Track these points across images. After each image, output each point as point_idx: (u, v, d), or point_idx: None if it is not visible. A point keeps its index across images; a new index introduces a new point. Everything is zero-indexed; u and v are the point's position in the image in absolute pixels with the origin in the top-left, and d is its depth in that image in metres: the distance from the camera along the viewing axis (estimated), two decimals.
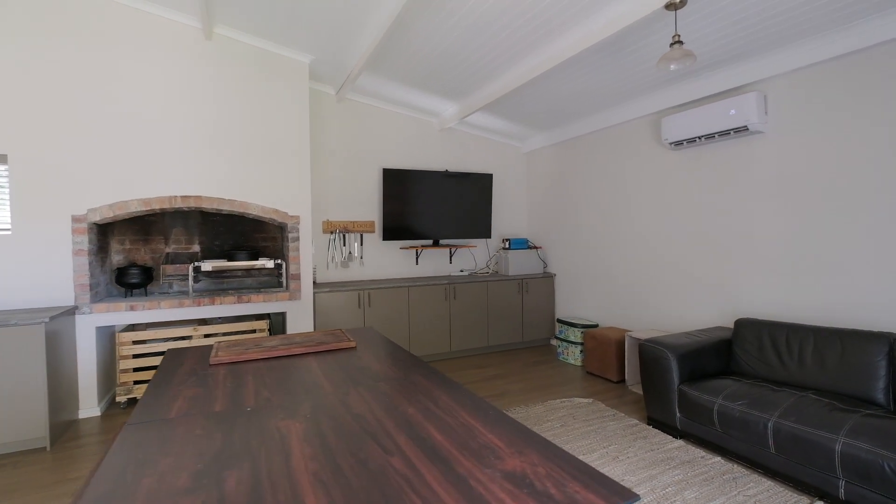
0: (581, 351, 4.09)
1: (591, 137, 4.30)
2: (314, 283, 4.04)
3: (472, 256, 4.94)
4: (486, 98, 3.71)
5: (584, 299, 4.45)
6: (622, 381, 3.64)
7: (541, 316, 4.76)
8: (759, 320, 2.78)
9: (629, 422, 2.90)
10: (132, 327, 3.27)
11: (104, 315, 2.92)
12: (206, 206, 3.17)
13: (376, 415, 1.17)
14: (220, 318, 3.43)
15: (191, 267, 3.26)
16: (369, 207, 4.36)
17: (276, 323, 3.81)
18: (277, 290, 3.53)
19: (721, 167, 3.17)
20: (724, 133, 3.02)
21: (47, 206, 2.79)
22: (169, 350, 1.90)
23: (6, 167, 2.71)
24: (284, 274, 3.52)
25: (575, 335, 4.18)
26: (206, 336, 3.26)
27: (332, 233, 4.17)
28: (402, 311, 4.03)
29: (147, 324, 3.33)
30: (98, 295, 3.05)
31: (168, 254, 3.47)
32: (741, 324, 2.82)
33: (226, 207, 3.24)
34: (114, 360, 3.23)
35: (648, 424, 2.87)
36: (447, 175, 4.60)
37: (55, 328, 2.70)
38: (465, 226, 4.72)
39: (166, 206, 3.05)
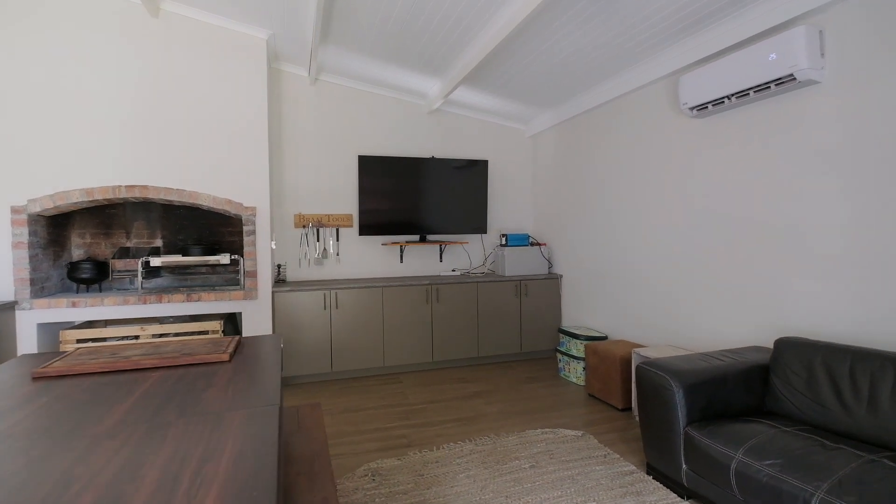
0: (584, 368, 3.37)
1: (599, 113, 3.56)
2: (284, 281, 3.71)
3: (467, 254, 4.36)
4: (465, 67, 3.14)
5: (593, 305, 3.71)
6: (629, 408, 2.89)
7: (543, 323, 4.07)
8: (810, 341, 1.97)
9: (623, 467, 2.20)
10: (90, 324, 3.12)
11: (45, 311, 2.77)
12: (152, 196, 2.93)
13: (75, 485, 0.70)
14: (173, 316, 3.18)
15: (140, 262, 3.04)
16: (347, 200, 3.95)
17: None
18: (233, 288, 3.23)
19: (758, 135, 2.35)
20: (762, 87, 2.21)
21: None
22: (21, 356, 1.58)
23: None
24: (241, 271, 3.21)
25: (577, 348, 3.47)
26: (156, 336, 3.02)
27: (304, 227, 3.81)
28: (375, 314, 3.57)
29: (106, 321, 3.16)
30: (47, 290, 2.92)
31: (121, 248, 3.30)
32: (784, 344, 2.02)
33: (174, 198, 2.98)
34: None
35: (648, 474, 2.15)
36: (434, 162, 4.08)
37: None
38: (457, 220, 4.16)
39: (110, 196, 2.85)
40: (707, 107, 2.53)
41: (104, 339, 2.93)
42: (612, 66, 3.05)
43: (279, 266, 3.72)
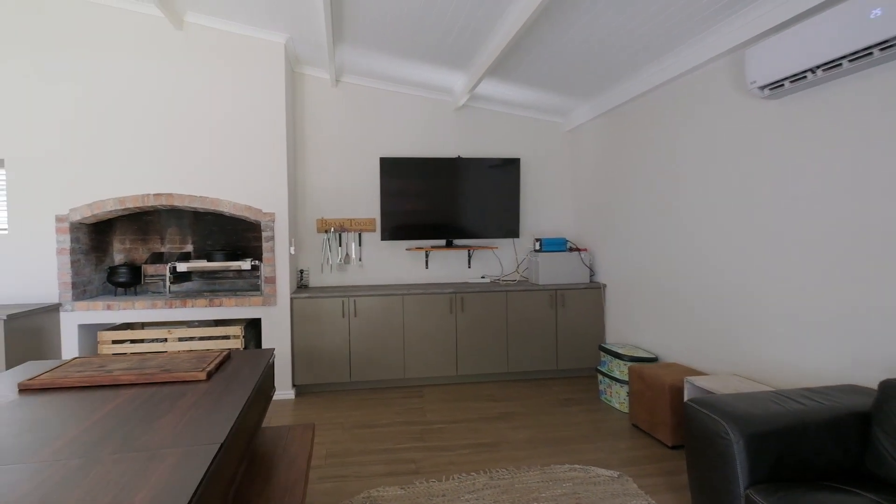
0: (628, 393, 3.06)
1: (647, 100, 3.22)
2: (306, 286, 3.78)
3: (498, 260, 4.18)
4: (489, 57, 2.98)
5: (641, 320, 3.38)
6: (680, 446, 2.57)
7: (583, 339, 3.78)
8: None
9: None
10: (128, 326, 3.38)
11: (85, 313, 3.03)
12: (177, 203, 3.11)
13: None
14: (198, 321, 3.35)
15: (168, 267, 3.24)
16: (370, 204, 3.95)
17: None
18: (253, 293, 3.34)
19: (856, 118, 1.96)
20: (861, 55, 1.82)
21: (37, 207, 3.00)
22: (28, 363, 1.70)
23: (3, 171, 2.97)
24: (261, 277, 3.30)
25: (620, 370, 3.17)
26: (181, 340, 3.19)
27: (326, 232, 3.86)
28: (395, 323, 3.52)
29: (143, 324, 3.41)
30: (89, 293, 3.20)
31: (154, 253, 3.54)
32: (892, 388, 1.64)
33: (197, 205, 3.13)
34: None
35: None
36: (460, 162, 3.95)
37: (39, 324, 2.86)
38: (486, 223, 4.00)
39: (139, 204, 3.06)
40: (783, 84, 2.14)
41: (141, 341, 3.15)
42: (659, 44, 2.74)
43: (301, 272, 3.80)
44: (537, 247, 3.93)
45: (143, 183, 3.08)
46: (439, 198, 3.90)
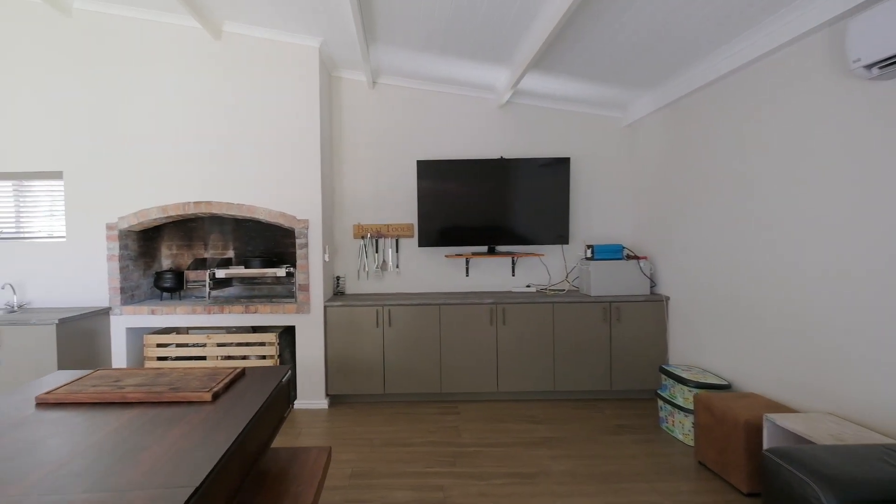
0: (694, 424, 2.71)
1: (721, 87, 2.84)
2: (342, 293, 3.78)
3: (546, 268, 3.93)
4: (532, 47, 2.78)
5: (712, 340, 2.99)
6: (757, 493, 2.21)
7: (641, 358, 3.44)
8: None
9: None
10: (174, 330, 3.56)
11: (132, 317, 3.23)
12: (215, 211, 3.22)
13: None
14: (237, 326, 3.45)
15: (208, 273, 3.36)
16: (407, 209, 3.87)
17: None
18: (287, 301, 3.38)
19: None
20: None
21: (90, 216, 3.24)
22: (56, 373, 1.77)
23: (62, 182, 3.24)
24: (295, 284, 3.33)
25: (684, 396, 2.82)
26: (219, 345, 3.31)
27: (363, 238, 3.84)
28: (431, 334, 3.40)
29: (188, 328, 3.59)
30: (137, 297, 3.41)
31: (196, 259, 3.71)
32: None
33: (234, 212, 3.23)
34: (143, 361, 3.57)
35: None
36: (503, 163, 3.75)
37: (92, 327, 3.08)
38: (532, 228, 3.77)
39: (180, 211, 3.21)
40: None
41: (187, 345, 3.31)
42: (735, 21, 2.39)
43: (337, 278, 3.81)
44: (589, 254, 3.64)
45: (184, 191, 3.23)
46: (481, 202, 3.74)
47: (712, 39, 2.59)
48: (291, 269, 3.37)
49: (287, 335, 3.48)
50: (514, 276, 3.93)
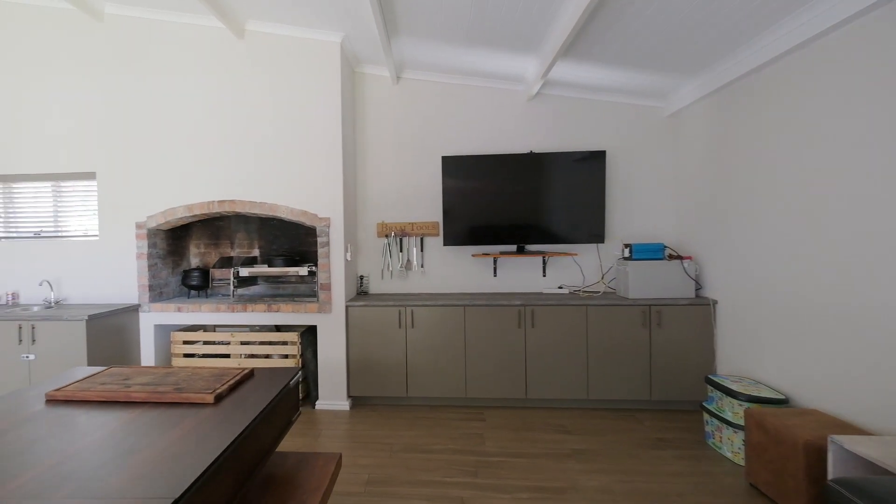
0: (744, 442, 2.48)
1: (778, 68, 2.58)
2: (365, 293, 3.75)
3: (579, 269, 3.74)
4: (562, 32, 2.64)
5: (766, 347, 2.73)
6: None
7: (685, 366, 3.20)
8: None
9: None
10: (202, 328, 3.66)
11: (159, 314, 3.34)
12: (238, 209, 3.27)
13: None
14: (259, 325, 3.50)
15: (232, 272, 3.42)
16: (432, 207, 3.79)
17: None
18: (309, 300, 3.38)
19: None
20: None
21: (121, 215, 3.38)
22: (71, 370, 1.81)
23: (95, 182, 3.40)
24: (317, 283, 3.33)
25: (734, 410, 2.59)
26: (243, 343, 3.36)
27: (387, 236, 3.80)
28: (456, 336, 3.31)
29: (214, 326, 3.67)
30: (165, 295, 3.52)
31: (222, 258, 3.78)
32: None
33: (257, 210, 3.26)
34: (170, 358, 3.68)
35: None
36: (532, 158, 3.60)
37: (122, 323, 3.21)
38: (564, 226, 3.60)
39: (205, 210, 3.28)
40: None
41: (214, 342, 3.39)
42: None
43: (361, 278, 3.79)
44: (626, 253, 3.43)
45: (208, 190, 3.30)
46: (510, 198, 3.61)
47: (771, 11, 2.34)
48: (314, 267, 3.37)
49: (310, 335, 3.49)
50: (545, 276, 3.77)
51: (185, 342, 3.39)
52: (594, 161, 3.57)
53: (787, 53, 2.47)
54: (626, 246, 3.44)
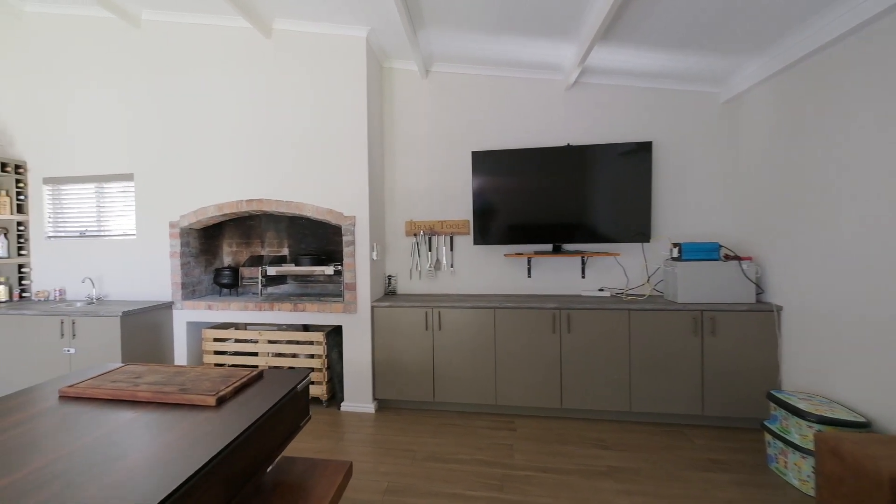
0: (814, 470, 2.19)
1: (860, 42, 2.26)
2: (393, 293, 3.71)
3: (622, 270, 3.51)
4: (600, 12, 2.46)
5: (842, 361, 2.41)
6: None
7: (744, 378, 2.90)
8: None
9: None
10: (234, 326, 3.76)
11: (191, 312, 3.46)
12: (266, 208, 3.32)
13: None
14: (287, 324, 3.53)
15: (259, 270, 3.48)
16: (463, 204, 3.69)
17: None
18: (334, 300, 3.38)
19: None
20: None
21: (156, 215, 3.53)
22: (86, 367, 1.86)
23: (133, 184, 3.57)
24: (342, 282, 3.32)
25: (801, 432, 2.30)
26: (270, 342, 3.41)
27: (415, 235, 3.73)
28: (485, 340, 3.19)
29: (246, 324, 3.76)
30: (198, 293, 3.64)
31: (251, 256, 3.86)
32: None
33: (283, 209, 3.30)
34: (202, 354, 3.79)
35: None
36: (570, 151, 3.41)
37: (157, 320, 3.35)
38: (604, 224, 3.38)
39: (234, 209, 3.35)
40: None
41: (246, 341, 3.46)
42: None
43: (389, 277, 3.75)
44: (675, 253, 3.17)
45: (238, 189, 3.38)
46: (545, 195, 3.44)
47: None
48: (340, 267, 3.37)
49: (336, 335, 3.49)
50: (583, 277, 3.57)
51: (216, 339, 3.49)
52: (639, 153, 3.33)
53: (875, 19, 2.16)
54: (675, 245, 3.17)
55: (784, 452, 2.40)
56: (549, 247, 3.55)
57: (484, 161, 3.52)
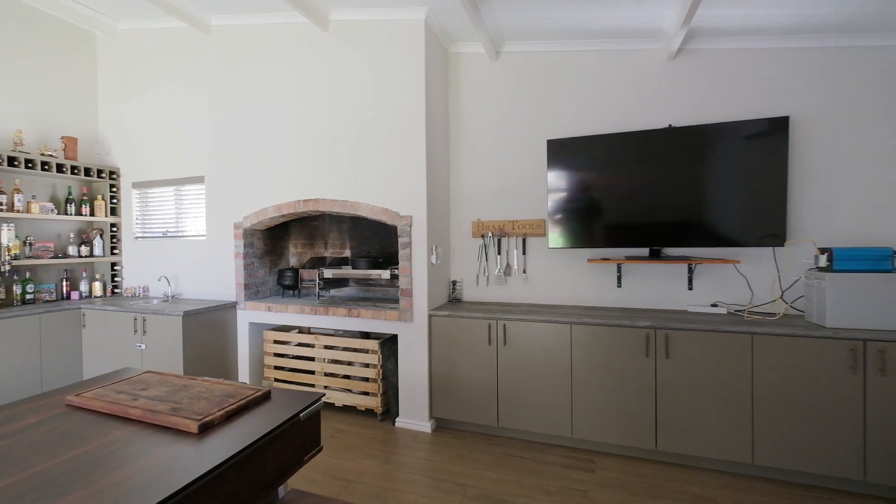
0: None
1: None
2: (458, 301, 3.47)
3: (745, 281, 2.87)
4: None
5: None
6: None
7: None
8: None
9: None
10: (297, 328, 3.83)
11: (252, 312, 3.58)
12: (322, 208, 3.30)
13: None
14: (345, 330, 3.48)
15: (317, 273, 3.48)
16: (538, 202, 3.33)
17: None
18: (389, 307, 3.23)
19: None
20: None
21: (223, 216, 3.73)
22: (125, 368, 1.87)
23: (203, 186, 3.81)
24: (398, 288, 3.17)
25: None
26: (326, 347, 3.39)
27: (483, 237, 3.45)
28: (561, 360, 2.80)
29: (310, 328, 3.81)
30: (261, 294, 3.77)
31: (312, 258, 3.89)
32: None
33: (338, 209, 3.25)
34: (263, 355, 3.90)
35: None
36: (673, 134, 2.88)
37: (222, 319, 3.52)
38: (720, 223, 2.79)
39: (292, 210, 3.40)
40: None
41: (310, 345, 3.50)
42: None
43: (453, 283, 3.52)
44: (823, 262, 2.49)
45: (295, 189, 3.44)
46: (639, 188, 2.96)
47: None
48: (396, 270, 3.23)
49: (393, 344, 3.37)
50: (691, 289, 3.00)
51: (276, 342, 3.57)
52: (770, 134, 2.70)
53: None
54: (823, 251, 2.50)
55: None
56: (644, 251, 3.05)
57: (563, 150, 3.13)
